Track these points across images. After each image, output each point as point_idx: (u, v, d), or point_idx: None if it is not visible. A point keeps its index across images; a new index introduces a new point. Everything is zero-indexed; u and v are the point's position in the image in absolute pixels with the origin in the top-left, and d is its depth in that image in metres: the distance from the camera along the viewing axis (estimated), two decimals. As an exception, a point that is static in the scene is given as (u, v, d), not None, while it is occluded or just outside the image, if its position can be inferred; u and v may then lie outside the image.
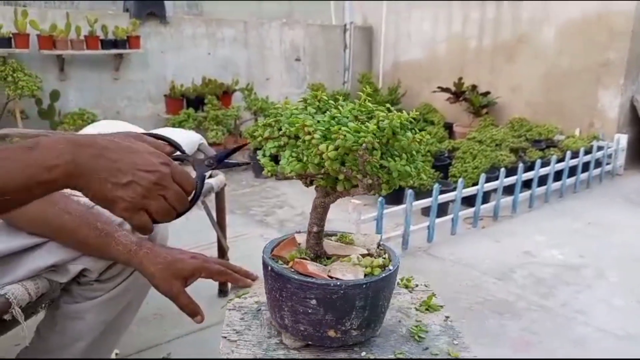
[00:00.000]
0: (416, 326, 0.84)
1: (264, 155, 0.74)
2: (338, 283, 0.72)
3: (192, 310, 0.89)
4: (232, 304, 0.88)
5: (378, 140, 0.67)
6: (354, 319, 0.74)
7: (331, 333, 0.74)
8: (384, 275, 0.76)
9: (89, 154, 0.66)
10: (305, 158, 0.69)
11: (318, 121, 0.71)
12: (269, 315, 0.83)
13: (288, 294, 0.73)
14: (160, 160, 0.70)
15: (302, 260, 0.77)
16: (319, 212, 0.79)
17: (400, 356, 0.76)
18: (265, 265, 0.78)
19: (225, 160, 0.83)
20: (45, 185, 0.64)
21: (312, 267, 0.76)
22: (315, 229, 0.80)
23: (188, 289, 0.91)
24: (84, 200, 0.98)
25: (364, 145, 0.66)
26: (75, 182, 0.65)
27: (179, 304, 0.89)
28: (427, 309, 0.90)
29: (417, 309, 0.90)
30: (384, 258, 0.82)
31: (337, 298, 0.72)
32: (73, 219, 0.90)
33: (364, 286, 0.73)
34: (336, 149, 0.66)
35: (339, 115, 0.72)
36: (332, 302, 0.72)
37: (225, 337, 0.78)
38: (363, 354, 0.77)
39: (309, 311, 0.73)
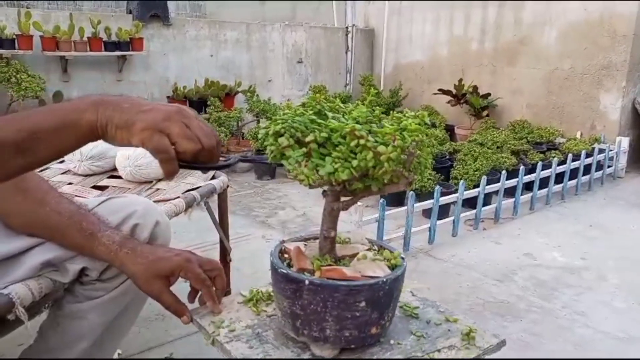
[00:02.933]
0: (405, 305, 0.90)
1: (291, 165, 0.71)
2: (384, 279, 0.73)
3: (177, 310, 0.87)
4: (223, 336, 0.82)
5: (427, 139, 0.71)
6: (391, 310, 0.77)
7: (373, 330, 0.76)
8: (405, 264, 0.79)
9: (114, 98, 0.74)
10: (356, 162, 0.68)
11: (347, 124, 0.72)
12: (273, 335, 0.82)
13: (335, 303, 0.72)
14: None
15: (332, 267, 0.77)
16: (335, 217, 0.79)
17: (419, 334, 0.82)
18: (295, 281, 0.73)
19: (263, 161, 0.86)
20: (76, 124, 0.71)
21: (348, 271, 0.76)
22: (332, 234, 0.79)
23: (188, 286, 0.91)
24: (79, 200, 0.99)
25: (414, 143, 0.68)
26: (101, 118, 0.71)
27: (163, 304, 0.87)
28: None
29: None
30: (376, 250, 0.86)
31: (383, 294, 0.74)
32: (62, 220, 0.90)
33: (399, 278, 0.76)
34: (394, 149, 0.68)
35: (359, 117, 0.74)
36: (378, 299, 0.73)
37: None
38: (392, 342, 0.80)
39: (357, 314, 0.73)
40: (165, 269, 0.87)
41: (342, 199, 0.78)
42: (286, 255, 0.83)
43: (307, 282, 0.72)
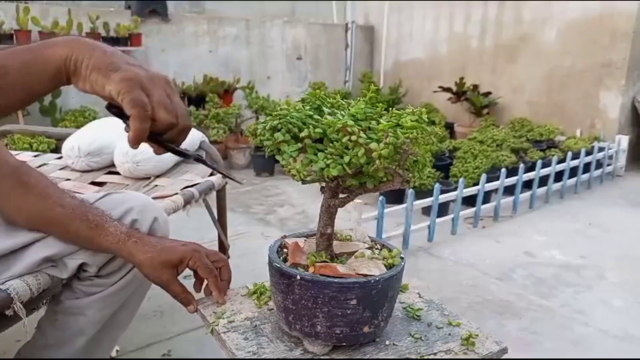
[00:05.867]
0: (409, 307, 0.88)
1: (285, 160, 0.71)
2: (377, 278, 0.72)
3: (185, 300, 0.88)
4: (222, 326, 0.83)
5: (422, 135, 0.69)
6: (385, 310, 0.76)
7: (366, 329, 0.75)
8: (403, 263, 0.78)
9: (94, 42, 0.68)
10: (347, 158, 0.68)
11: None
12: (270, 329, 0.82)
13: (325, 300, 0.71)
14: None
15: (326, 263, 0.76)
16: (332, 213, 0.78)
17: (417, 336, 0.80)
18: (288, 275, 0.74)
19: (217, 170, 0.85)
20: (46, 59, 0.65)
21: (342, 268, 0.75)
22: (329, 230, 0.79)
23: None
24: (85, 195, 0.99)
25: (408, 140, 0.66)
26: (76, 54, 0.65)
27: (171, 293, 0.88)
28: (401, 291, 0.94)
29: None
30: (377, 248, 0.84)
31: (375, 293, 0.72)
32: (65, 212, 0.89)
33: (395, 277, 0.75)
34: (386, 146, 0.67)
35: (353, 113, 0.73)
36: (370, 298, 0.72)
37: None
38: (387, 342, 0.79)
39: (348, 312, 0.72)
40: (174, 258, 0.87)
41: (341, 195, 0.77)
42: (285, 250, 0.83)
43: (298, 277, 0.72)
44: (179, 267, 0.88)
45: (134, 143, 0.67)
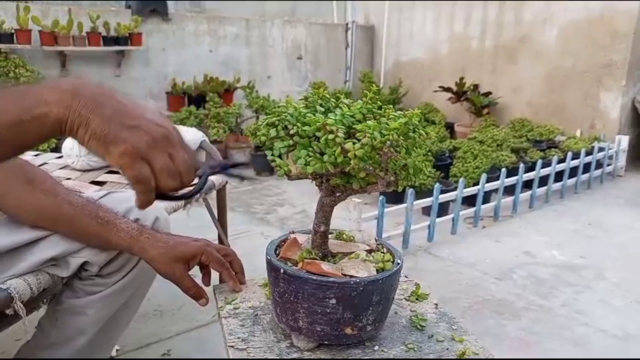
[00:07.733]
0: (415, 316, 0.86)
1: (273, 156, 0.72)
2: (358, 280, 0.72)
3: (197, 294, 0.90)
4: (225, 312, 0.85)
5: (403, 139, 0.68)
6: (370, 314, 0.75)
7: (348, 330, 0.74)
8: (395, 269, 0.77)
9: (93, 92, 0.61)
10: (326, 157, 0.68)
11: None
12: (268, 319, 0.83)
13: (305, 296, 0.72)
14: (169, 122, 0.66)
15: (313, 260, 0.77)
16: (326, 212, 0.78)
17: (411, 346, 0.78)
18: (274, 268, 0.75)
19: (229, 170, 0.82)
20: (40, 120, 0.59)
21: (326, 266, 0.75)
22: (322, 228, 0.79)
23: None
24: (86, 194, 0.99)
25: (388, 142, 0.66)
26: (73, 117, 0.59)
27: (182, 288, 0.90)
28: (416, 299, 0.93)
29: (407, 299, 0.92)
30: (383, 252, 0.83)
31: (356, 295, 0.72)
32: (74, 209, 0.90)
33: (381, 281, 0.74)
34: (362, 147, 0.66)
35: (349, 113, 0.72)
36: (351, 299, 0.72)
37: (232, 347, 0.76)
38: (376, 347, 0.78)
39: (328, 311, 0.72)
40: (187, 253, 0.89)
41: (337, 194, 0.77)
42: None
43: (282, 270, 0.74)
44: (191, 262, 0.90)
45: (142, 208, 0.68)
